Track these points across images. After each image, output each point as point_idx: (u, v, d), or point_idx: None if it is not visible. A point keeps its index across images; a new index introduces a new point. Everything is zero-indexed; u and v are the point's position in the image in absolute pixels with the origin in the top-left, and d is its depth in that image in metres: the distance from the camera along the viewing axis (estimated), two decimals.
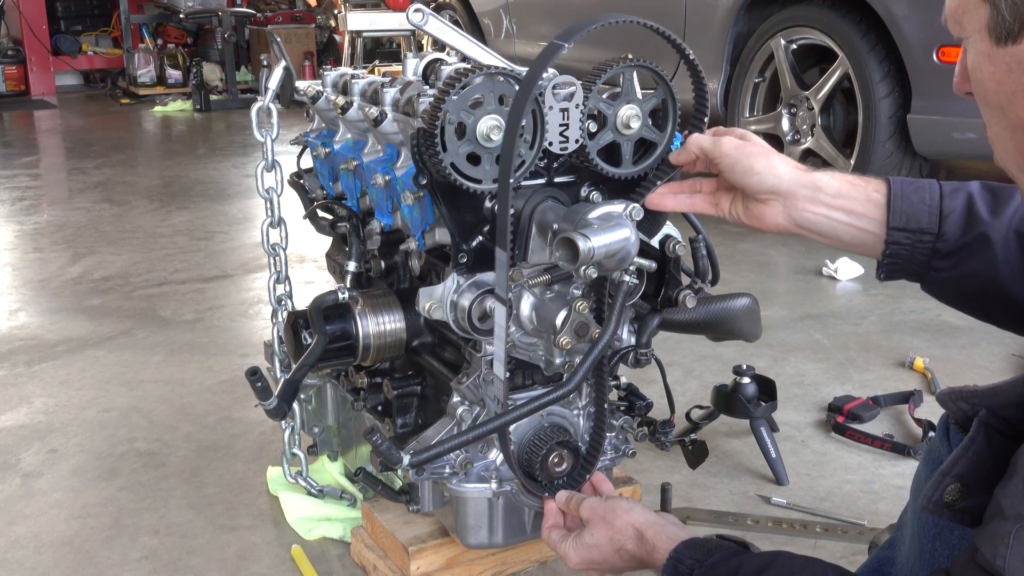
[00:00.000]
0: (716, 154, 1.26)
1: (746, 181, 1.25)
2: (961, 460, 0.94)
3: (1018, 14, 0.79)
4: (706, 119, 1.33)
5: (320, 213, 1.68)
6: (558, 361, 1.38)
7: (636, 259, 1.27)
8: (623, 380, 1.56)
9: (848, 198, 1.21)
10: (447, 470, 1.40)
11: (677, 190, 1.35)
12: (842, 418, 2.12)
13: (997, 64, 0.84)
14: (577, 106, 1.27)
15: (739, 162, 1.24)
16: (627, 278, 1.29)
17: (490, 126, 1.22)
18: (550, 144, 1.27)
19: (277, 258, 1.67)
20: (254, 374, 1.42)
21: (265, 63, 1.66)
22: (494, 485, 1.43)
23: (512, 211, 1.31)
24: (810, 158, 3.68)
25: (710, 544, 1.14)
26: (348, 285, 1.53)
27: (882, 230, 1.19)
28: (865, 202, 1.21)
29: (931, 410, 2.15)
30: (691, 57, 1.29)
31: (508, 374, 1.30)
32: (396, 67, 6.21)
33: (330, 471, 1.86)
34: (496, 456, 1.42)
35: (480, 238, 1.31)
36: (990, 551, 0.80)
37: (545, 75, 1.28)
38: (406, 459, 1.26)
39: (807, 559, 1.05)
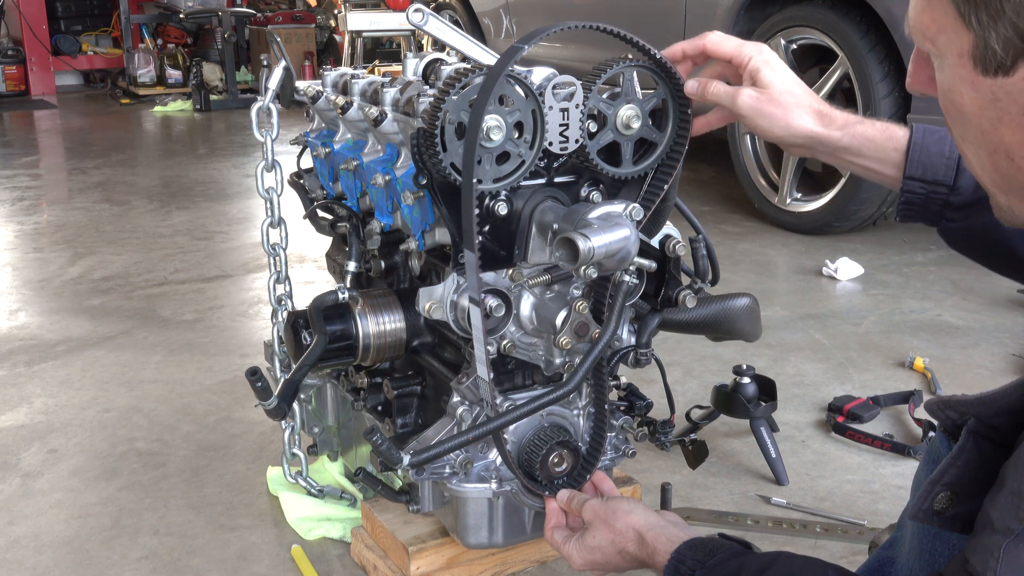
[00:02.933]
0: (733, 111, 1.29)
1: (764, 137, 1.30)
2: (951, 469, 0.95)
3: (1012, 46, 0.76)
4: (689, 125, 1.33)
5: (320, 213, 1.68)
6: (558, 361, 1.39)
7: (636, 259, 1.28)
8: (623, 380, 1.56)
9: (866, 156, 1.26)
10: (447, 470, 1.40)
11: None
12: (842, 418, 2.12)
13: (981, 91, 0.81)
14: (577, 106, 1.27)
15: (756, 125, 1.28)
16: (627, 278, 1.29)
17: (490, 126, 1.22)
18: (550, 144, 1.27)
19: (277, 258, 1.67)
20: (254, 374, 1.42)
21: (265, 63, 1.66)
22: (494, 485, 1.43)
23: (511, 211, 1.32)
24: (810, 159, 3.68)
25: (712, 544, 1.14)
26: (348, 285, 1.53)
27: (900, 175, 1.21)
28: (883, 158, 1.25)
29: None
30: (660, 59, 1.30)
31: (492, 375, 1.30)
32: (396, 67, 6.22)
33: (330, 471, 1.86)
34: (496, 456, 1.42)
35: (480, 238, 1.31)
36: (981, 565, 0.81)
37: (544, 75, 1.28)
38: (406, 459, 1.26)
39: (808, 559, 1.05)
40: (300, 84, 1.71)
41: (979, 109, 0.82)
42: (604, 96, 1.30)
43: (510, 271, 1.35)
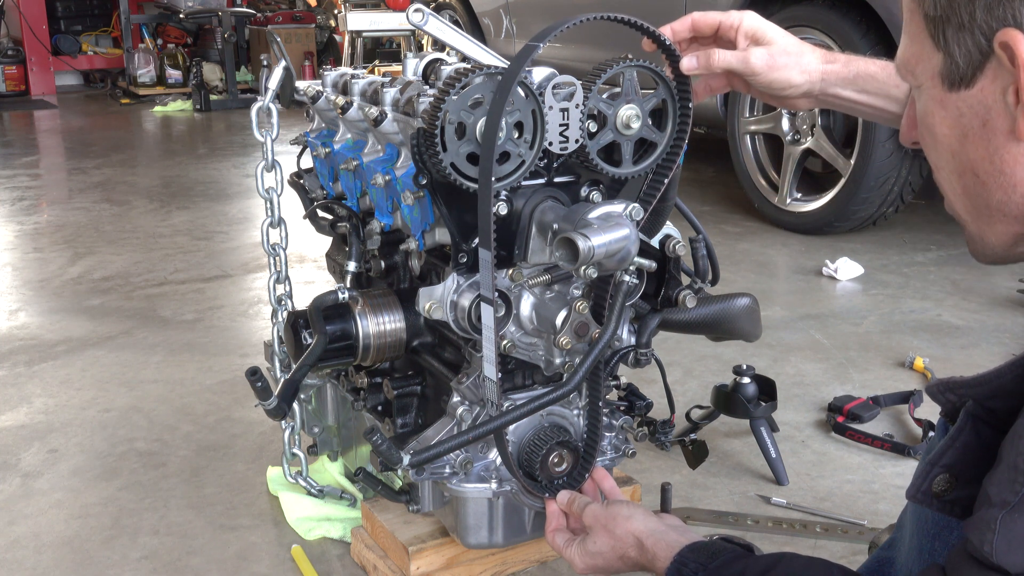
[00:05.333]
0: (747, 72, 1.34)
1: (782, 94, 1.35)
2: (949, 450, 0.95)
3: (971, 60, 0.82)
4: (690, 118, 1.33)
5: (320, 213, 1.68)
6: (558, 361, 1.39)
7: (636, 259, 1.28)
8: (623, 380, 1.56)
9: (869, 93, 1.35)
10: (447, 470, 1.40)
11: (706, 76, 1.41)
12: (842, 418, 2.12)
13: (949, 109, 0.86)
14: (577, 106, 1.27)
15: (774, 81, 1.33)
16: (627, 278, 1.29)
17: None
18: (550, 144, 1.27)
19: (277, 258, 1.67)
20: (254, 374, 1.42)
21: (265, 63, 1.66)
22: (494, 485, 1.43)
23: (511, 211, 1.32)
24: (810, 158, 3.69)
25: (714, 547, 1.14)
26: (348, 285, 1.53)
27: (903, 111, 1.25)
28: (886, 94, 1.34)
29: (931, 410, 2.15)
30: (669, 44, 1.31)
31: (500, 375, 1.31)
32: (396, 67, 6.22)
33: (330, 471, 1.86)
34: (496, 456, 1.42)
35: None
36: (977, 538, 0.81)
37: (544, 75, 1.28)
38: (406, 459, 1.26)
39: (812, 559, 1.05)
40: (300, 84, 1.71)
41: (948, 128, 0.87)
42: (604, 96, 1.30)
43: (510, 271, 1.35)
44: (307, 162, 1.74)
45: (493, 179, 1.26)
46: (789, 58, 1.33)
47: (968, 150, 0.86)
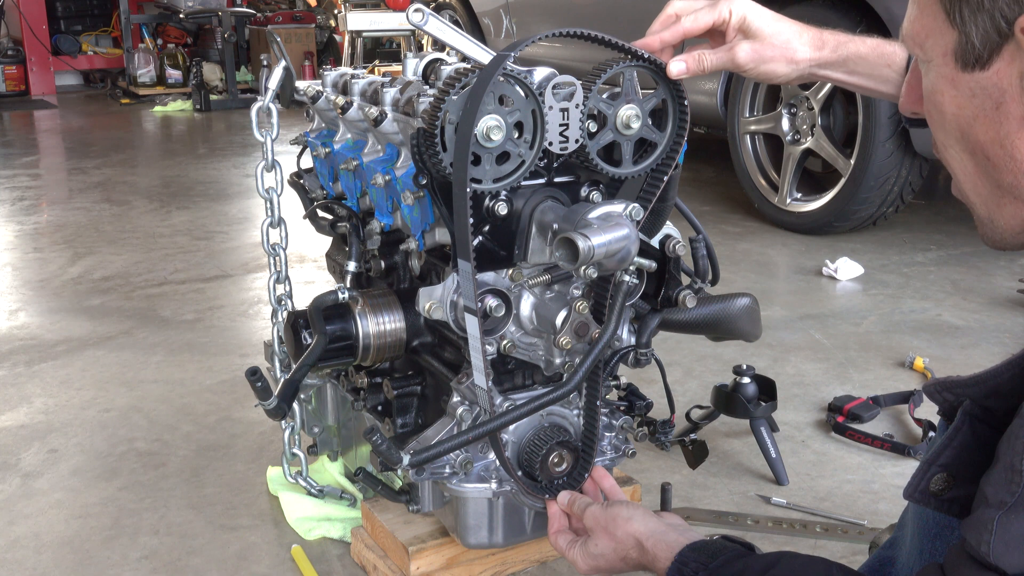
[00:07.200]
0: (734, 70, 1.34)
1: (769, 79, 1.36)
2: (947, 450, 0.95)
3: (988, 42, 0.80)
4: (687, 122, 1.34)
5: (320, 213, 1.68)
6: (558, 361, 1.39)
7: (636, 259, 1.28)
8: (623, 380, 1.56)
9: (861, 75, 1.35)
10: (447, 470, 1.40)
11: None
12: (842, 418, 2.12)
13: (961, 88, 0.84)
14: (577, 106, 1.27)
15: (760, 71, 1.34)
16: (627, 278, 1.29)
17: (490, 126, 1.22)
18: (550, 144, 1.27)
19: (277, 258, 1.67)
20: (254, 374, 1.42)
21: (265, 63, 1.66)
22: (494, 485, 1.43)
23: (511, 211, 1.32)
24: (810, 159, 3.68)
25: (715, 547, 1.14)
26: (348, 285, 1.53)
27: (897, 92, 1.27)
28: (878, 75, 1.34)
29: (931, 410, 2.15)
30: (648, 57, 1.30)
31: (491, 383, 1.31)
32: (396, 67, 6.21)
33: (330, 471, 1.86)
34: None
35: (480, 238, 1.31)
36: (975, 538, 0.82)
37: (544, 75, 1.28)
38: (406, 459, 1.26)
39: (812, 558, 1.05)
40: (300, 84, 1.71)
41: (958, 108, 0.85)
42: (604, 96, 1.30)
43: (510, 271, 1.35)
44: (307, 162, 1.75)
45: (493, 180, 1.26)
46: (775, 51, 1.33)
47: (978, 131, 0.84)
